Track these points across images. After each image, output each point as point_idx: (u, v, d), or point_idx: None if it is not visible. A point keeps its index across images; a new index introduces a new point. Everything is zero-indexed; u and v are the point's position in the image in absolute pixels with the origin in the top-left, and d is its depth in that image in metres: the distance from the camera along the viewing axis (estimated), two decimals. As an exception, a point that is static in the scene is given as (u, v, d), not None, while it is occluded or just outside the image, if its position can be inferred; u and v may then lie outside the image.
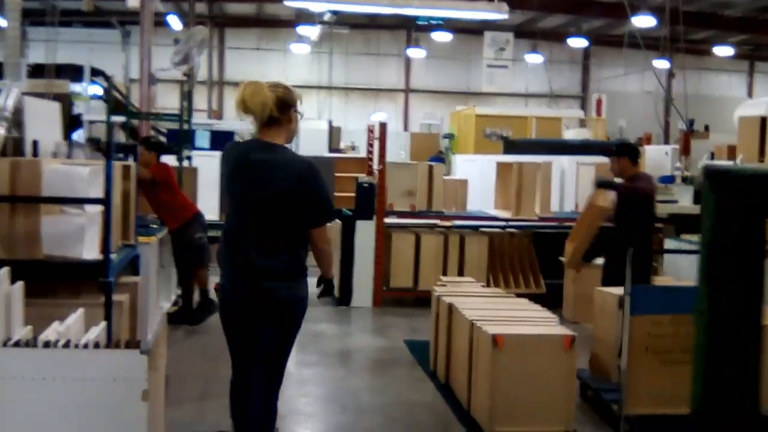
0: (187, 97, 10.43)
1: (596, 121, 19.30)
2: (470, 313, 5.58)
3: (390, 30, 25.22)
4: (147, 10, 11.89)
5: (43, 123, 5.78)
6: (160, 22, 16.93)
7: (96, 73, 15.77)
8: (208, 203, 10.31)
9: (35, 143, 5.31)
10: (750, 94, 27.79)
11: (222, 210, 11.00)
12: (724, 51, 23.48)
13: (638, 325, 5.06)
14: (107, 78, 11.27)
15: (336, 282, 7.57)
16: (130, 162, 5.90)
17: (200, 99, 22.33)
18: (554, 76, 25.00)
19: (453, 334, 5.96)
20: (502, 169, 10.00)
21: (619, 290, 5.99)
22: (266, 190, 3.92)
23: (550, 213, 9.61)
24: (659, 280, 7.90)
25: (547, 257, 9.13)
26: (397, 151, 19.86)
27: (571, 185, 10.79)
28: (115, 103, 9.88)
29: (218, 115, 23.66)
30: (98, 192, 4.83)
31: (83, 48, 20.63)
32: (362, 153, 15.79)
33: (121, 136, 10.87)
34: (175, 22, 18.07)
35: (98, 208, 4.92)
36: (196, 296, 8.24)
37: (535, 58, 23.30)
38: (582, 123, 19.67)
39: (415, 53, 23.61)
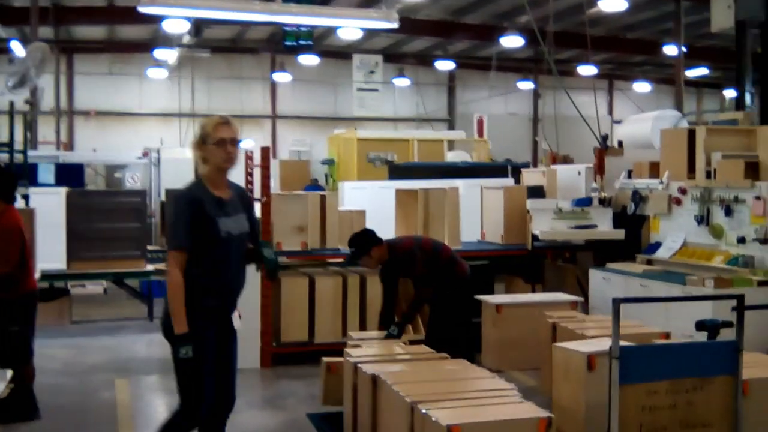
0: (29, 126, 8.73)
1: (478, 142, 18.51)
2: (405, 389, 4.28)
3: (254, 54, 23.94)
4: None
5: None
6: (2, 48, 15.16)
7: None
8: (52, 250, 8.56)
9: None
10: (610, 113, 28.09)
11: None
12: (588, 70, 23.37)
13: (630, 396, 3.91)
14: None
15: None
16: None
17: (48, 130, 20.21)
18: (422, 99, 24.48)
19: (381, 415, 4.63)
20: (403, 196, 8.78)
21: (586, 346, 4.88)
22: None
23: (459, 245, 8.43)
24: (595, 320, 6.89)
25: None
26: (267, 180, 18.32)
27: (473, 212, 9.64)
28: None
29: (68, 147, 21.50)
30: None
31: None
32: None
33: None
34: (18, 48, 16.13)
35: None
36: (15, 386, 6.28)
37: (402, 82, 23.34)
38: (450, 145, 18.91)
39: (281, 77, 22.59)
